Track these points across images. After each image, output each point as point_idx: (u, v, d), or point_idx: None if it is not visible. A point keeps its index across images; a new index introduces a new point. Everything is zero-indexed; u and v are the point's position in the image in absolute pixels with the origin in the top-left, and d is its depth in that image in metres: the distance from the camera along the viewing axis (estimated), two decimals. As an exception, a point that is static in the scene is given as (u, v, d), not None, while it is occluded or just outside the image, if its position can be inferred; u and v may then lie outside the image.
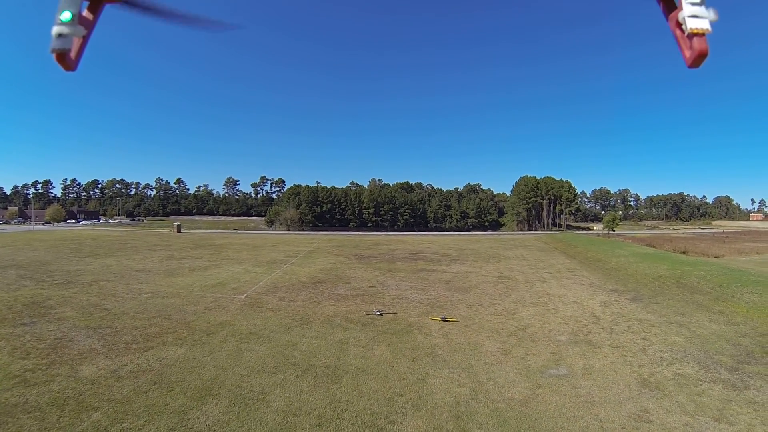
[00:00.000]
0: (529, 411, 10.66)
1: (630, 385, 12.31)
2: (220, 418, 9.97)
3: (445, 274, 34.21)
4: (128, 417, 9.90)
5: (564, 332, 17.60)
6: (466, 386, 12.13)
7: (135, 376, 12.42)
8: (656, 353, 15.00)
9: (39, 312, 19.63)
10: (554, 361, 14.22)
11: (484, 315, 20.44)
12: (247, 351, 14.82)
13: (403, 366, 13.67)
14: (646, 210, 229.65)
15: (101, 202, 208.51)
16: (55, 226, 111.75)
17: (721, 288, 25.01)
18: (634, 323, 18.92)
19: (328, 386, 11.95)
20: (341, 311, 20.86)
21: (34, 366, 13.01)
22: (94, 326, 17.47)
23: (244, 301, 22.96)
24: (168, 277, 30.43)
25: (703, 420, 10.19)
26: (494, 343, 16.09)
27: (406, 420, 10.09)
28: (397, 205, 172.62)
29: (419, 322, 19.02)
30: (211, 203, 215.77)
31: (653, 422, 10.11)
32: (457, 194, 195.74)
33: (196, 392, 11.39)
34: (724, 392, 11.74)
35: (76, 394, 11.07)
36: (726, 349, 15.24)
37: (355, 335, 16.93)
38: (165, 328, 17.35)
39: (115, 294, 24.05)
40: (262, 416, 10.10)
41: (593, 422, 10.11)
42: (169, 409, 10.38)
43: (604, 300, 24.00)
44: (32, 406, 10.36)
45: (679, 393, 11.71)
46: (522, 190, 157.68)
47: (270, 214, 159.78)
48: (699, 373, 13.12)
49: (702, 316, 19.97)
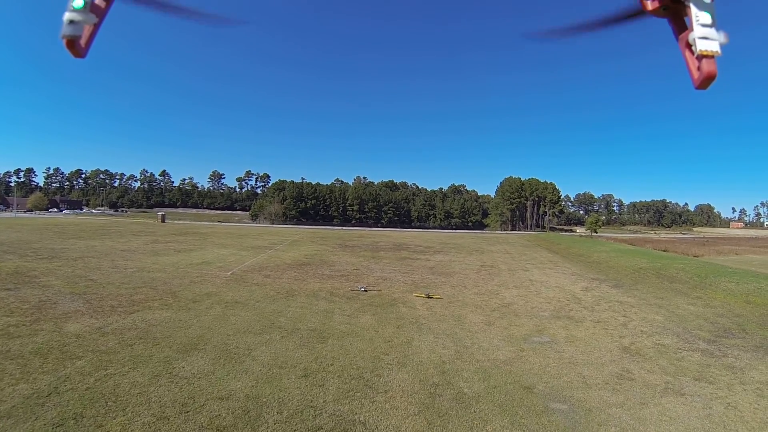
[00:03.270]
0: (513, 369, 10.85)
1: (611, 351, 12.59)
2: (205, 368, 9.98)
3: (429, 261, 34.45)
4: (112, 365, 9.86)
5: (546, 309, 17.88)
6: (450, 348, 12.29)
7: (120, 332, 12.35)
8: (636, 327, 15.33)
9: (23, 280, 19.33)
10: (537, 331, 14.46)
11: (468, 294, 20.66)
12: (233, 316, 14.81)
13: (388, 331, 13.79)
14: (629, 215, 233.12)
15: (84, 192, 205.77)
16: (38, 214, 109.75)
17: (699, 278, 25.53)
18: (614, 304, 19.29)
19: (313, 345, 12.01)
20: (326, 287, 20.91)
21: (18, 322, 12.85)
22: (79, 293, 17.28)
23: (230, 277, 22.88)
24: (153, 256, 30.17)
25: (684, 379, 10.47)
26: (478, 316, 16.29)
27: (392, 374, 10.20)
28: (382, 203, 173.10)
29: (403, 297, 19.15)
30: (195, 196, 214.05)
31: (635, 380, 10.36)
32: (441, 194, 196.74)
33: (182, 346, 11.37)
34: (703, 359, 12.06)
35: (60, 346, 10.98)
36: (704, 326, 15.62)
37: (340, 306, 17.01)
38: (150, 296, 17.25)
39: (100, 268, 23.78)
40: (248, 367, 10.14)
41: (577, 378, 10.33)
42: (154, 359, 10.36)
43: (586, 286, 24.39)
44: (15, 354, 10.26)
45: (660, 358, 12.01)
46: (506, 191, 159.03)
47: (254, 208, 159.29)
48: (678, 343, 13.44)
49: (681, 300, 20.41)
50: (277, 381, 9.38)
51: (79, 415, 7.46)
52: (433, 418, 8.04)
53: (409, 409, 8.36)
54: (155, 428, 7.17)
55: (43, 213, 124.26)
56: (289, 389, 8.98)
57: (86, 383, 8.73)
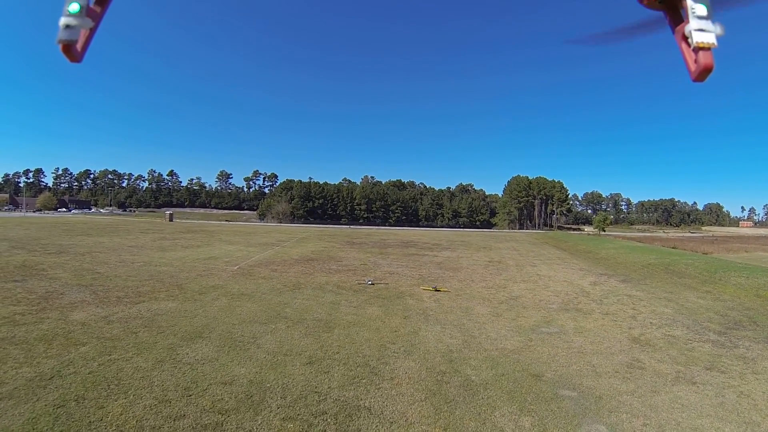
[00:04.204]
0: (521, 357, 10.68)
1: (621, 341, 12.38)
2: (209, 354, 9.90)
3: (437, 257, 34.30)
4: (116, 351, 9.80)
5: (554, 302, 17.67)
6: (458, 338, 12.14)
7: (126, 321, 12.31)
8: (645, 320, 15.10)
9: (31, 273, 19.38)
10: (545, 322, 14.27)
11: (476, 288, 20.49)
12: (239, 307, 14.74)
13: (395, 321, 13.66)
14: (637, 214, 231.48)
15: (93, 192, 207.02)
16: (47, 214, 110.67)
17: (708, 273, 25.22)
18: (623, 297, 19.05)
19: (319, 334, 11.90)
20: (333, 280, 20.81)
21: (24, 311, 12.85)
22: (86, 284, 17.30)
23: (237, 271, 22.85)
24: (160, 252, 30.25)
25: (695, 369, 10.25)
26: (485, 308, 16.13)
27: (398, 362, 10.06)
28: (389, 202, 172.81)
29: (411, 290, 19.02)
30: (203, 196, 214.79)
31: (645, 369, 10.15)
32: (449, 193, 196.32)
33: (186, 334, 11.30)
34: (713, 349, 11.82)
35: (65, 333, 10.95)
36: (714, 319, 15.36)
37: (347, 298, 16.90)
38: (157, 288, 17.23)
39: (108, 262, 23.84)
40: (252, 354, 10.04)
41: (586, 367, 10.14)
42: (158, 346, 10.29)
43: (594, 280, 24.14)
44: (20, 340, 10.23)
45: (670, 348, 11.79)
46: (514, 189, 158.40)
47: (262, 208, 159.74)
48: (688, 335, 13.21)
49: (690, 294, 20.13)
50: (281, 368, 9.27)
51: (80, 396, 7.39)
52: (440, 405, 7.89)
53: (415, 396, 8.22)
54: (156, 410, 7.08)
55: (52, 212, 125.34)
56: (293, 375, 8.86)
57: (89, 368, 8.67)
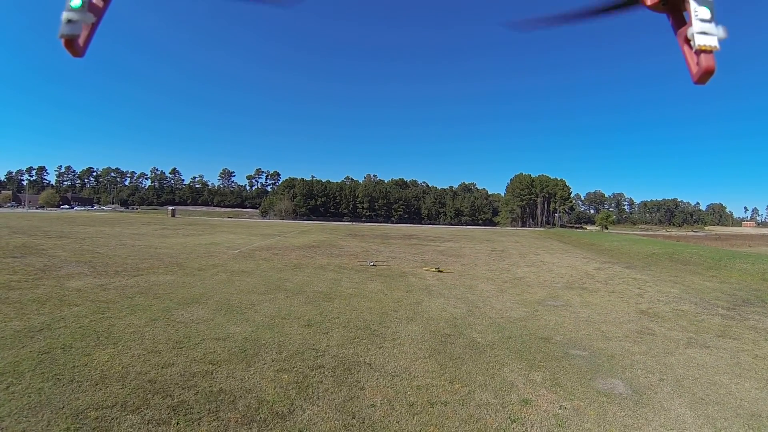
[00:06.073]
0: (528, 324, 10.36)
1: (629, 313, 12.07)
2: (205, 316, 9.62)
3: (439, 247, 34.01)
4: (110, 310, 9.54)
5: (559, 282, 17.36)
6: (462, 308, 11.83)
7: (122, 289, 12.06)
8: (653, 297, 14.76)
9: (30, 252, 19.21)
10: (551, 297, 13.97)
11: (479, 270, 20.20)
12: (238, 281, 14.45)
13: (397, 294, 13.39)
14: (639, 214, 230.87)
15: (96, 190, 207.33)
16: (49, 211, 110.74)
17: (713, 260, 24.87)
18: (628, 280, 18.72)
19: (319, 303, 11.62)
20: (334, 262, 20.56)
21: (21, 279, 12.66)
22: (85, 261, 17.09)
23: (237, 254, 22.58)
24: (162, 239, 30.05)
25: (707, 336, 9.92)
26: (490, 286, 15.83)
27: (401, 326, 9.75)
28: (392, 200, 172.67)
29: (413, 271, 18.75)
30: (205, 194, 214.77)
31: (656, 335, 9.83)
32: (451, 192, 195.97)
33: (183, 300, 11.04)
34: (724, 321, 11.48)
35: (60, 296, 10.70)
36: (721, 297, 15.02)
37: (348, 276, 16.63)
38: (156, 265, 16.98)
39: (108, 245, 23.62)
40: (249, 317, 9.75)
41: (595, 333, 9.83)
42: (153, 308, 10.02)
43: (598, 267, 23.80)
44: (13, 300, 9.99)
45: (680, 319, 11.47)
46: (516, 188, 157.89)
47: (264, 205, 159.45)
48: (696, 310, 12.87)
49: (695, 278, 19.77)
50: (278, 328, 8.99)
51: (68, 345, 7.12)
52: (445, 361, 7.59)
53: (419, 354, 7.92)
54: (145, 359, 6.79)
55: (55, 209, 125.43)
56: (290, 335, 8.58)
57: (80, 323, 8.41)
